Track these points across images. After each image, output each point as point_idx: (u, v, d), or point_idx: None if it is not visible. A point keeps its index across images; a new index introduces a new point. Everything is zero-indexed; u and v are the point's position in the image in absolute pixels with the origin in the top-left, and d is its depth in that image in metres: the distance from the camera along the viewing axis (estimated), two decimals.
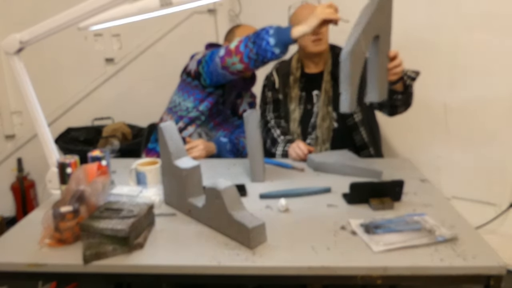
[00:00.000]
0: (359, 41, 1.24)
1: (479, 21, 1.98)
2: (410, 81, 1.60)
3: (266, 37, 1.47)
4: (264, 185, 1.45)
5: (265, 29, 1.50)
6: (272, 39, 1.46)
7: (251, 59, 1.53)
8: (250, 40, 1.52)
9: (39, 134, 1.40)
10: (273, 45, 1.46)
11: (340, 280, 0.99)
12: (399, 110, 1.70)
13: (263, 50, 1.48)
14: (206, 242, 1.08)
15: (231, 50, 1.56)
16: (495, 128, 2.05)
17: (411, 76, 1.60)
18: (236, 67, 1.58)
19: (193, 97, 1.81)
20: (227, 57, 1.58)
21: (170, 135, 1.25)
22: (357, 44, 1.23)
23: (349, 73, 1.25)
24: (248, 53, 1.52)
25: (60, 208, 1.07)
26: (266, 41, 1.47)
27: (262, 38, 1.48)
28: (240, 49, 1.54)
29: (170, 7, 1.24)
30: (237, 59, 1.55)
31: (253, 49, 1.51)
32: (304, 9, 1.84)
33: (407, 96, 1.64)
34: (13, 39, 1.31)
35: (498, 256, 0.99)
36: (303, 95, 1.89)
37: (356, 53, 1.23)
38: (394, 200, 1.27)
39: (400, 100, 1.63)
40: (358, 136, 1.84)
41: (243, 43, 1.54)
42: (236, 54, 1.55)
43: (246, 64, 1.55)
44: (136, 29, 2.50)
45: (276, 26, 1.50)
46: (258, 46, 1.49)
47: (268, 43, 1.47)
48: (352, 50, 1.23)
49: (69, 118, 2.65)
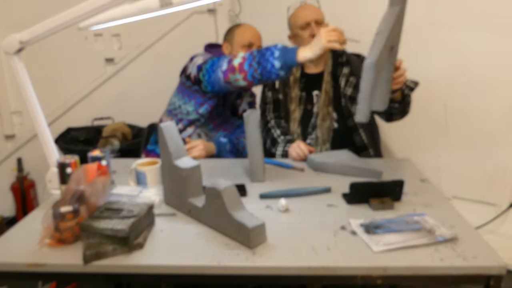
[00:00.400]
0: (382, 51, 1.22)
1: (479, 21, 1.98)
2: (409, 91, 1.62)
3: (271, 59, 1.47)
4: (264, 185, 1.45)
5: (270, 49, 1.49)
6: (277, 62, 1.46)
7: (255, 78, 1.53)
8: (255, 59, 1.51)
9: (39, 134, 1.40)
10: (278, 68, 1.46)
11: (340, 280, 0.99)
12: (395, 117, 1.73)
13: (268, 72, 1.48)
14: (206, 242, 1.08)
15: (234, 67, 1.56)
16: (495, 128, 2.05)
17: (409, 86, 1.61)
18: (239, 84, 1.58)
19: (194, 101, 1.81)
20: (230, 73, 1.57)
21: (170, 135, 1.25)
22: (380, 54, 1.22)
23: (371, 83, 1.24)
24: (253, 72, 1.52)
25: (60, 208, 1.07)
26: (271, 63, 1.47)
27: (267, 59, 1.47)
28: (244, 67, 1.53)
29: (170, 7, 1.24)
30: (240, 77, 1.55)
31: (257, 69, 1.50)
32: (303, 9, 1.84)
33: (404, 105, 1.65)
34: (13, 39, 1.31)
35: (498, 256, 0.99)
36: (303, 95, 1.89)
37: (379, 63, 1.22)
38: (394, 200, 1.27)
39: (397, 109, 1.65)
40: (358, 137, 1.84)
41: (247, 61, 1.53)
42: (240, 72, 1.54)
43: (250, 82, 1.55)
44: (136, 29, 2.50)
45: (281, 47, 1.48)
46: (263, 67, 1.48)
47: (274, 66, 1.46)
48: (377, 60, 1.21)
49: (69, 118, 2.65)
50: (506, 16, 1.92)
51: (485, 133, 2.07)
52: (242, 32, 1.86)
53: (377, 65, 1.22)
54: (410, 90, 1.62)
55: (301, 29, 1.81)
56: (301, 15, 1.82)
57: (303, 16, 1.81)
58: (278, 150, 1.78)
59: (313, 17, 1.79)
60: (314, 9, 1.84)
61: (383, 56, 1.25)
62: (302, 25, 1.80)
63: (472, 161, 2.13)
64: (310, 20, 1.79)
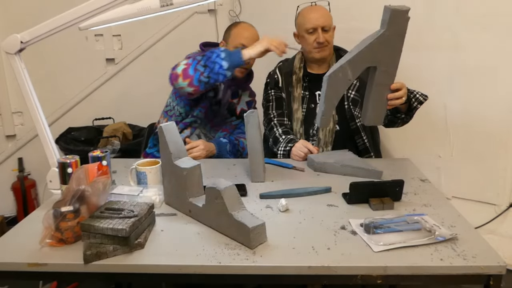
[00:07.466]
0: (343, 67, 1.32)
1: (479, 21, 1.98)
2: (417, 105, 1.64)
3: (218, 60, 1.53)
4: (264, 185, 1.46)
5: (215, 52, 1.56)
6: (225, 63, 1.53)
7: (201, 82, 1.57)
8: (200, 63, 1.56)
9: (40, 134, 1.40)
10: (226, 68, 1.54)
11: (340, 280, 0.99)
12: (395, 125, 1.78)
13: (216, 73, 1.55)
14: (206, 242, 1.08)
15: (177, 75, 1.59)
16: (495, 128, 2.04)
17: (419, 99, 1.63)
18: (186, 91, 1.61)
19: (183, 103, 1.82)
20: (174, 82, 1.61)
21: (170, 135, 1.25)
22: (340, 70, 1.32)
23: (325, 94, 1.36)
24: (199, 76, 1.56)
25: (60, 208, 1.07)
26: (219, 64, 1.53)
27: (214, 61, 1.54)
28: (189, 73, 1.57)
29: (170, 8, 1.24)
30: (185, 84, 1.58)
31: (204, 72, 1.55)
32: (312, 12, 1.81)
33: (409, 117, 1.70)
34: (14, 40, 1.31)
35: (498, 256, 1.00)
36: (306, 94, 1.89)
37: (337, 77, 1.32)
38: (394, 200, 1.28)
39: (401, 118, 1.70)
40: (360, 140, 1.84)
41: (191, 66, 1.57)
42: (184, 79, 1.58)
43: (196, 87, 1.59)
44: (137, 29, 2.50)
45: (224, 49, 1.58)
46: (210, 69, 1.54)
47: (221, 67, 1.53)
48: (332, 74, 1.32)
49: (70, 118, 2.65)
50: (506, 16, 1.92)
51: (485, 133, 2.07)
52: (237, 33, 1.85)
53: (334, 79, 1.31)
54: (419, 104, 1.64)
55: (307, 33, 1.81)
56: (309, 18, 1.80)
57: (311, 20, 1.79)
58: (280, 148, 1.77)
59: (320, 23, 1.78)
60: (323, 14, 1.81)
61: (348, 72, 1.33)
62: (309, 29, 1.79)
63: (472, 161, 2.13)
64: (317, 26, 1.78)
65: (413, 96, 1.62)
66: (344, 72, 1.32)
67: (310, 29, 1.79)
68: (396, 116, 1.69)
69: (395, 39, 1.32)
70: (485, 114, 2.05)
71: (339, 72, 1.32)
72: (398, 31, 1.30)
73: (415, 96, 1.63)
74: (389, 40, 1.31)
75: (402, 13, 1.28)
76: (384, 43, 1.30)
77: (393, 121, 1.75)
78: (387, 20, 1.28)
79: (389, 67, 1.38)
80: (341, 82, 1.36)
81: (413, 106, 1.64)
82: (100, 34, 2.59)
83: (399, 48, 1.34)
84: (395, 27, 1.29)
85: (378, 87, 1.40)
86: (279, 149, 1.78)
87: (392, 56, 1.35)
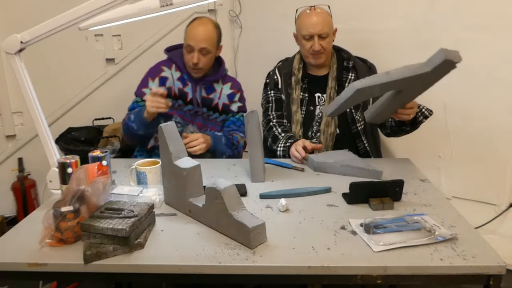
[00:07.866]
0: (374, 87, 1.30)
1: (479, 21, 1.98)
2: (423, 119, 1.65)
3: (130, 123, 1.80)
4: (264, 185, 1.46)
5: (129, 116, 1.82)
6: (134, 125, 1.79)
7: (129, 137, 1.89)
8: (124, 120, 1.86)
9: (40, 134, 1.40)
10: (137, 129, 1.78)
11: (340, 280, 0.99)
12: (397, 135, 1.81)
13: (132, 134, 1.82)
14: (206, 242, 1.08)
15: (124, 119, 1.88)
16: (495, 128, 2.04)
17: (424, 114, 1.64)
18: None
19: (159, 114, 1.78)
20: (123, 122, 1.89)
21: (170, 135, 1.25)
22: (370, 87, 1.29)
23: (345, 100, 1.33)
24: (123, 124, 1.87)
25: (60, 208, 1.07)
26: (131, 127, 1.80)
27: (127, 124, 1.82)
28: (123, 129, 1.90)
29: (170, 8, 1.24)
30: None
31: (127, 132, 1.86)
32: (309, 18, 1.79)
33: (414, 129, 1.72)
34: (14, 39, 1.31)
35: (498, 256, 1.00)
36: (305, 96, 1.88)
37: (364, 92, 1.30)
38: (394, 200, 1.28)
39: (405, 131, 1.73)
40: (361, 144, 1.84)
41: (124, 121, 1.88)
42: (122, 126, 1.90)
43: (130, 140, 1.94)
44: (137, 29, 2.50)
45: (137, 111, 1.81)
46: (129, 131, 1.82)
47: (133, 128, 1.79)
48: (362, 89, 1.29)
49: (70, 118, 2.65)
50: (506, 16, 1.92)
51: (485, 133, 2.07)
52: (187, 33, 1.84)
53: (360, 93, 1.30)
54: (424, 118, 1.65)
55: (304, 39, 1.80)
56: (306, 25, 1.78)
57: (308, 27, 1.77)
58: (279, 146, 1.77)
59: (317, 31, 1.76)
60: (321, 20, 1.78)
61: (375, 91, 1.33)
62: (305, 36, 1.79)
63: (472, 161, 2.13)
64: (313, 33, 1.76)
65: (419, 111, 1.62)
66: (373, 90, 1.31)
67: (306, 36, 1.78)
68: (401, 128, 1.71)
69: (433, 78, 1.30)
70: (485, 114, 2.05)
71: (369, 88, 1.29)
72: (441, 74, 1.29)
73: (421, 111, 1.63)
74: (428, 78, 1.29)
75: (453, 63, 1.23)
76: (422, 79, 1.29)
77: (397, 131, 1.76)
78: (436, 64, 1.23)
79: (415, 93, 1.39)
80: (365, 96, 1.37)
81: (418, 119, 1.64)
82: (100, 34, 2.59)
83: (432, 84, 1.33)
84: (440, 70, 1.26)
85: (395, 101, 1.40)
86: (278, 146, 1.77)
87: (423, 88, 1.35)
